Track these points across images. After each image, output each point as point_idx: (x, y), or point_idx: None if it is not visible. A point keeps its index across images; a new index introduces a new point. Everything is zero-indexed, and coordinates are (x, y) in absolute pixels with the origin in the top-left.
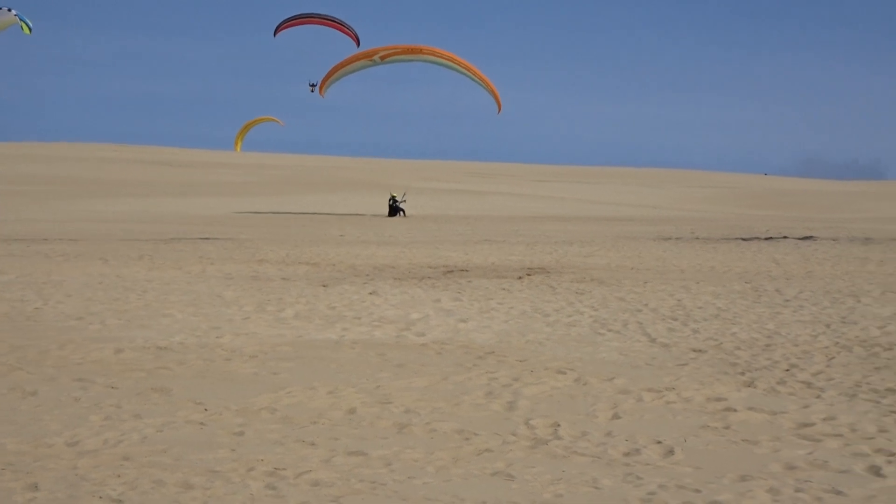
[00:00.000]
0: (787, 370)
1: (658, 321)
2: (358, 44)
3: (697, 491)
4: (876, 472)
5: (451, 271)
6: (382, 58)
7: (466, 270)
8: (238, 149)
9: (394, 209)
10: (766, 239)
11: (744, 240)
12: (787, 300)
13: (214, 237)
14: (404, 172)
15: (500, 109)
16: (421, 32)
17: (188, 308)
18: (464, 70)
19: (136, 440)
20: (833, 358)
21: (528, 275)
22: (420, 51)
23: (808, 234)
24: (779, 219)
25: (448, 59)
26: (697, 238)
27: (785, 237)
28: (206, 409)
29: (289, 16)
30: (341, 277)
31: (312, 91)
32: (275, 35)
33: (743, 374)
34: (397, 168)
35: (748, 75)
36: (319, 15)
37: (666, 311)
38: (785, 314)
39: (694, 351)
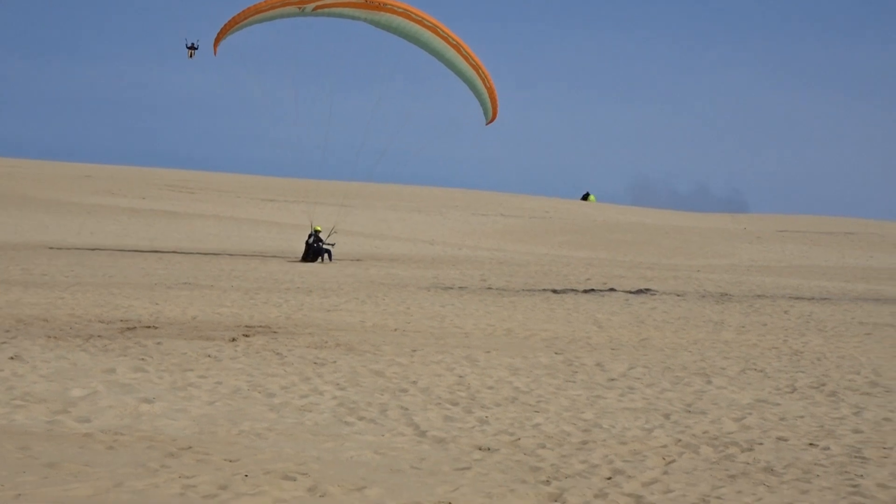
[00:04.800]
0: (610, 478)
1: (430, 406)
2: None
3: None
4: None
5: (133, 328)
6: (317, 7)
7: (155, 328)
8: None
9: (315, 250)
10: (586, 291)
11: (555, 292)
12: (613, 379)
13: None
14: (61, 180)
15: (493, 117)
16: None
17: None
18: (445, 49)
19: None
20: (673, 462)
21: (246, 336)
22: (380, 5)
23: (645, 285)
24: (605, 262)
25: (419, 23)
26: (490, 288)
27: (612, 289)
28: None
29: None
30: None
31: (192, 56)
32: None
33: (548, 482)
34: (50, 174)
35: (566, 73)
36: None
37: (442, 391)
38: (609, 399)
39: (480, 450)
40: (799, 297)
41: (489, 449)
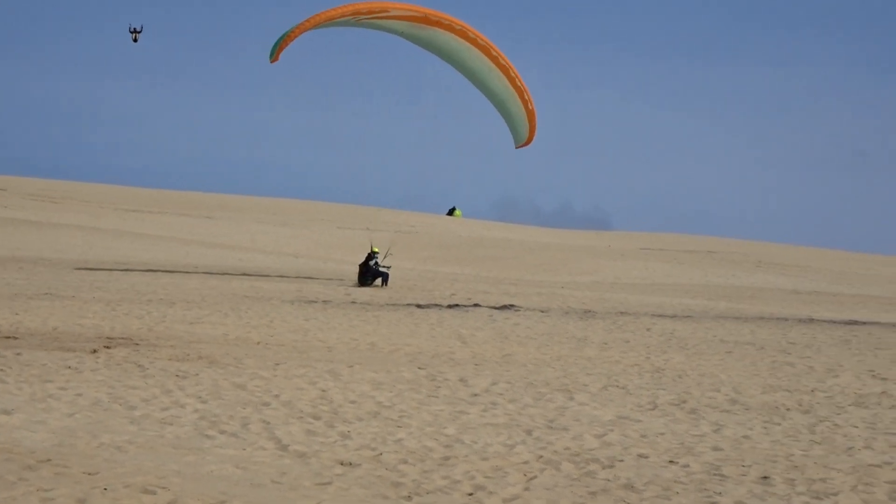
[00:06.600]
0: (471, 494)
1: (293, 420)
2: None
3: None
4: None
5: None
6: (371, 18)
7: (15, 338)
8: None
9: (373, 272)
10: (450, 307)
11: (419, 306)
12: (476, 395)
13: None
14: None
15: (529, 140)
16: None
17: None
18: (488, 70)
19: None
20: (534, 478)
21: (107, 347)
22: (434, 22)
23: (509, 301)
24: (470, 278)
25: (472, 42)
26: (354, 302)
27: (476, 305)
28: None
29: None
30: None
31: (136, 40)
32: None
33: (409, 498)
34: None
35: (433, 88)
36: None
37: (305, 405)
38: (471, 414)
39: (342, 464)
40: (661, 315)
41: (351, 464)
